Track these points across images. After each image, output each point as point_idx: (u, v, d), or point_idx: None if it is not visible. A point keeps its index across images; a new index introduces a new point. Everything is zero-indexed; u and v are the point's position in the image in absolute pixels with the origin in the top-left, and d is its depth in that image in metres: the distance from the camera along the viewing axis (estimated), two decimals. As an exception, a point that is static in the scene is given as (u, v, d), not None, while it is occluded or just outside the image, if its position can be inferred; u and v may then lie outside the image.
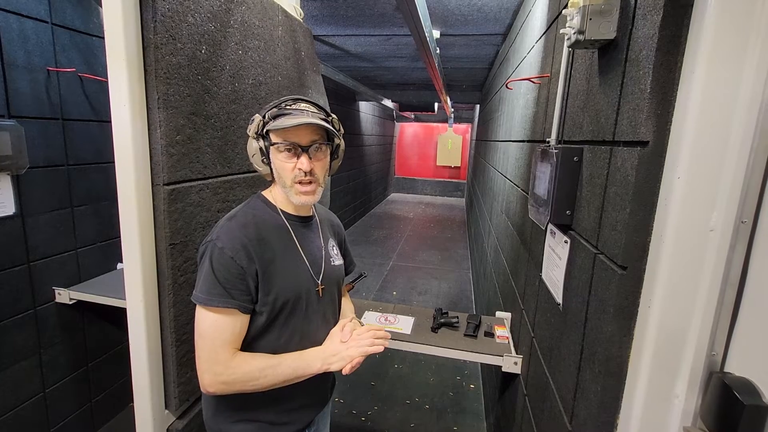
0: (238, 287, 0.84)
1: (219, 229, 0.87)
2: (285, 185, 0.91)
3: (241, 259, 0.84)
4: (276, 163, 0.89)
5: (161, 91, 0.93)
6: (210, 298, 0.82)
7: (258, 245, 0.87)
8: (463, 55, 3.72)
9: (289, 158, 0.88)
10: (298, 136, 0.88)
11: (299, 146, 0.88)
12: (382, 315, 1.70)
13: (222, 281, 0.83)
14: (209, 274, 0.83)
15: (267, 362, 0.87)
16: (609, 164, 0.77)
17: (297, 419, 0.99)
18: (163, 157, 0.95)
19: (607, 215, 0.75)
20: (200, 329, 0.84)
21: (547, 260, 1.16)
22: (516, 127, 2.11)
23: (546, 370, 1.10)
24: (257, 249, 0.87)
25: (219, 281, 0.83)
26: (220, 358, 0.83)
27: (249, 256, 0.85)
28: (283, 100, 0.90)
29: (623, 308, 0.69)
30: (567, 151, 0.94)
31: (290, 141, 0.87)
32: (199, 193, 1.10)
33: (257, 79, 1.36)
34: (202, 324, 0.84)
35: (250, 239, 0.87)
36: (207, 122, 1.11)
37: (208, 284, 0.83)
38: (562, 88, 1.11)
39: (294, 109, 0.88)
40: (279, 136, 0.87)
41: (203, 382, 0.85)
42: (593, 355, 0.77)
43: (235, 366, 0.84)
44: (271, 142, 0.88)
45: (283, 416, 0.96)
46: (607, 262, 0.73)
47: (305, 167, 0.88)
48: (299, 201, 0.91)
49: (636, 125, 0.66)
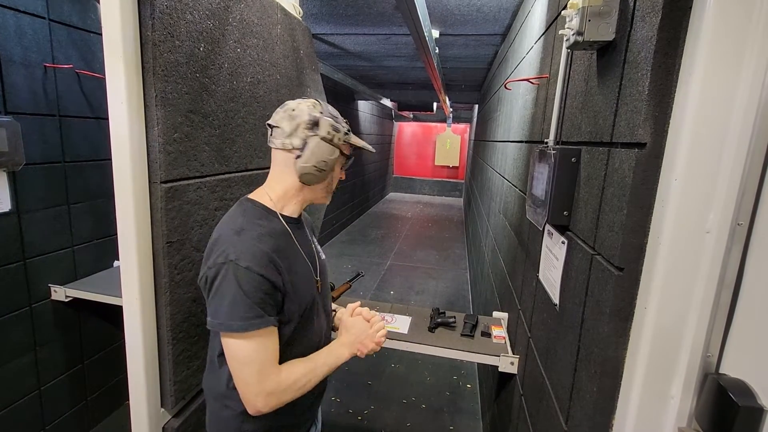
0: (270, 303, 0.82)
1: (232, 246, 0.81)
2: (329, 190, 0.99)
3: (271, 274, 0.82)
4: (336, 170, 0.97)
5: (159, 89, 0.93)
6: (249, 324, 0.79)
7: (278, 256, 0.85)
8: (462, 55, 3.72)
9: (342, 170, 1.00)
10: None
11: None
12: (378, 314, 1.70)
13: (257, 302, 0.80)
14: (240, 297, 0.78)
15: (306, 366, 0.90)
16: (607, 165, 0.77)
17: (310, 416, 1.04)
18: (160, 155, 0.95)
19: (605, 216, 0.75)
20: (242, 357, 0.81)
21: (544, 261, 1.16)
22: (514, 128, 2.11)
23: (542, 371, 1.10)
24: (280, 260, 0.85)
25: (254, 303, 0.79)
26: (272, 378, 0.83)
27: (277, 269, 0.83)
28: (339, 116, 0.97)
29: (620, 309, 0.69)
30: (565, 151, 0.94)
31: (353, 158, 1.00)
32: (197, 192, 1.09)
33: (255, 77, 1.35)
34: (243, 351, 0.81)
35: (272, 251, 0.84)
36: (205, 120, 1.11)
37: (241, 309, 0.78)
38: (561, 89, 1.11)
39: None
40: (351, 151, 0.98)
41: (256, 405, 0.83)
42: (589, 355, 0.78)
43: (284, 379, 0.85)
44: (344, 154, 0.96)
45: (300, 416, 1.00)
46: (604, 263, 0.73)
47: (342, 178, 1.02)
48: (328, 201, 1.03)
49: (634, 127, 0.66)
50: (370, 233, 6.82)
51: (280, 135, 0.88)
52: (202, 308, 1.15)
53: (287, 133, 0.87)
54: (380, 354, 2.93)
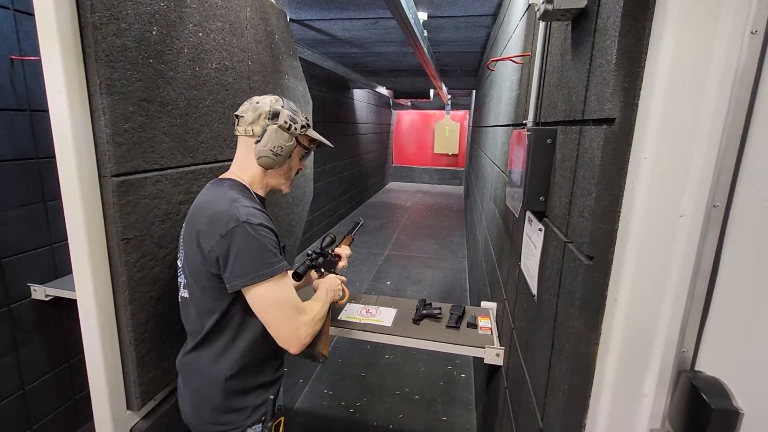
0: (281, 251, 0.95)
1: (236, 211, 0.89)
2: (288, 177, 1.07)
3: (275, 230, 0.95)
4: (295, 160, 1.05)
5: (104, 76, 0.87)
6: (276, 268, 0.90)
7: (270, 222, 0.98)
8: (454, 39, 3.61)
9: (301, 161, 1.08)
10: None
11: None
12: (363, 307, 1.66)
13: (275, 250, 0.91)
14: (262, 247, 0.88)
15: (317, 302, 1.07)
16: (578, 145, 0.71)
17: (279, 375, 1.11)
18: (109, 147, 0.89)
19: (576, 201, 0.70)
20: (277, 299, 0.91)
21: (525, 249, 1.11)
22: (503, 111, 2.04)
23: (523, 364, 1.06)
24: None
25: (273, 251, 0.90)
26: (302, 308, 0.97)
27: (273, 230, 0.95)
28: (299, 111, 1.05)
29: (590, 301, 0.64)
30: (540, 132, 0.88)
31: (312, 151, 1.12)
32: (156, 185, 1.04)
33: (222, 63, 1.29)
34: (277, 293, 0.91)
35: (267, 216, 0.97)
36: (162, 109, 1.05)
37: (266, 257, 0.89)
38: (539, 67, 1.05)
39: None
40: (311, 144, 1.08)
41: (299, 337, 0.94)
42: (562, 350, 0.73)
43: (309, 308, 1.00)
44: (304, 146, 1.05)
45: (273, 374, 1.07)
46: (576, 252, 0.68)
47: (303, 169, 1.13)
48: (287, 190, 1.10)
49: (602, 101, 0.60)
50: (368, 224, 6.77)
51: (244, 123, 0.98)
52: (169, 307, 1.10)
53: (249, 121, 0.97)
54: (374, 345, 2.90)
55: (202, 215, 0.91)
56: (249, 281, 0.87)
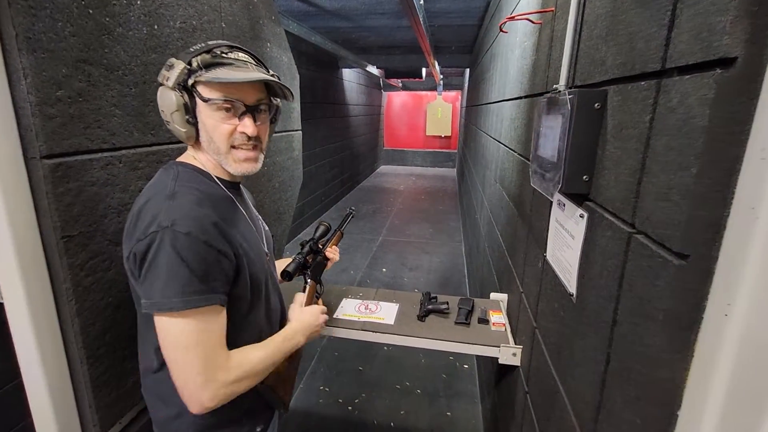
0: (217, 277, 0.69)
1: (165, 212, 0.67)
2: (219, 151, 0.76)
3: (217, 241, 0.69)
4: (208, 123, 0.74)
5: (21, 25, 0.66)
6: (188, 300, 0.65)
7: (224, 222, 0.72)
8: (452, 9, 3.38)
9: (227, 119, 0.74)
10: (241, 92, 0.73)
11: (244, 105, 0.74)
12: (362, 303, 1.50)
13: (199, 274, 0.66)
14: (178, 269, 0.64)
15: (263, 351, 0.79)
16: (655, 105, 0.53)
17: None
18: (35, 120, 0.69)
19: (652, 179, 0.53)
20: (181, 341, 0.67)
21: (554, 238, 0.94)
22: (511, 83, 1.84)
23: (553, 371, 0.90)
24: (226, 226, 0.72)
25: (195, 274, 0.66)
26: (220, 363, 0.70)
27: (224, 235, 0.70)
28: (215, 45, 0.74)
29: (680, 314, 0.47)
30: (585, 95, 0.70)
31: (232, 98, 0.73)
32: (106, 169, 0.84)
33: (189, 22, 1.08)
34: (183, 334, 0.66)
35: (216, 216, 0.71)
36: (110, 74, 0.84)
37: (179, 282, 0.65)
38: (575, 18, 0.86)
39: (234, 60, 0.73)
40: (216, 91, 0.72)
41: (201, 400, 0.68)
42: (627, 371, 0.57)
43: (236, 365, 0.72)
44: (202, 98, 0.72)
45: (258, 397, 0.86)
46: (653, 247, 0.51)
47: (251, 131, 0.75)
48: (239, 170, 0.78)
49: (711, 36, 0.42)
50: (361, 208, 6.58)
51: None
52: (133, 315, 0.92)
53: None
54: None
55: (134, 207, 0.72)
56: (149, 308, 0.66)
